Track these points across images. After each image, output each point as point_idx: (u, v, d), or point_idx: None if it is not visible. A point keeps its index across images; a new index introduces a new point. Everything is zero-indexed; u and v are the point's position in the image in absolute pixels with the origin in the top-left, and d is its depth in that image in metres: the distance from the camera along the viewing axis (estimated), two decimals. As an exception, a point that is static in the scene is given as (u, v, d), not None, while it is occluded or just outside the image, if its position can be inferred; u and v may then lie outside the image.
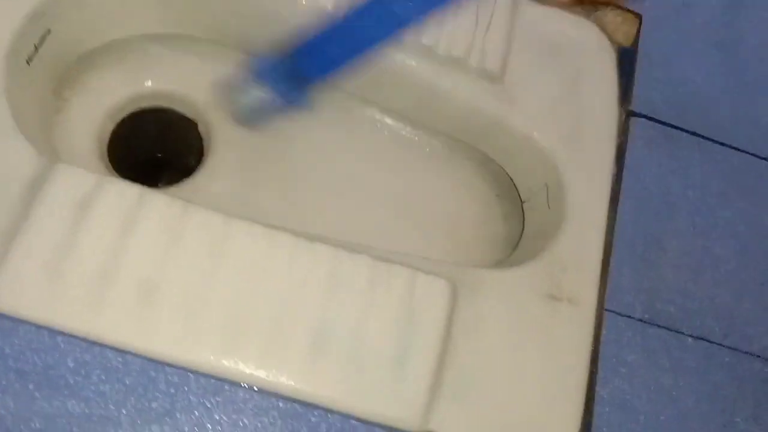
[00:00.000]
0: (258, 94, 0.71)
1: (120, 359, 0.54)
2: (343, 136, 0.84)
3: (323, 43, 0.66)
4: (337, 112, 0.83)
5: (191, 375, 0.55)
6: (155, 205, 0.58)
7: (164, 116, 0.83)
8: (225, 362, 0.55)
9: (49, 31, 0.68)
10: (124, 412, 0.52)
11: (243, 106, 0.73)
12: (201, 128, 0.83)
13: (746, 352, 0.69)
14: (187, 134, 0.83)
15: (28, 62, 0.66)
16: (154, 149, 0.89)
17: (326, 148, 0.83)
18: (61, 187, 0.57)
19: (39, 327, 0.53)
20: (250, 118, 0.76)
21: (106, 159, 0.78)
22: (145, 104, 0.82)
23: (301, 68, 0.68)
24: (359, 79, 0.78)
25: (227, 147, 0.81)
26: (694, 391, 0.66)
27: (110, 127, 0.80)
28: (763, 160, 0.78)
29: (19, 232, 0.55)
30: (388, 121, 0.85)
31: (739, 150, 0.78)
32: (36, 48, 0.66)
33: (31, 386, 0.52)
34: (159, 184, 0.81)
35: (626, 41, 0.80)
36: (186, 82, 0.82)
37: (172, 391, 0.54)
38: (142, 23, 0.80)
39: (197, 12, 0.78)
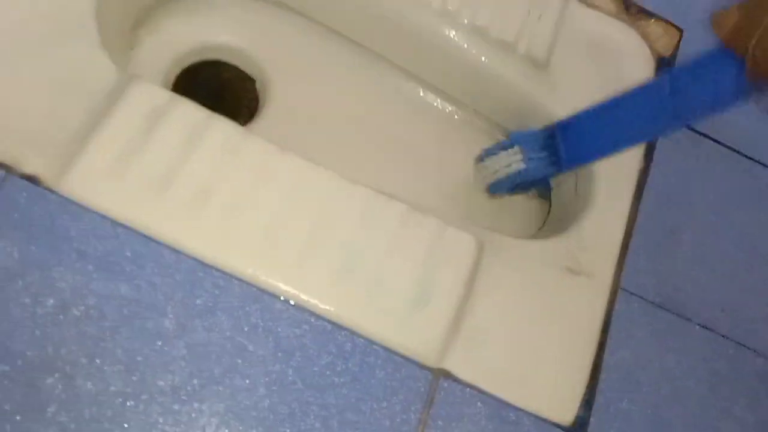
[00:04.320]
0: (509, 160, 0.75)
1: (173, 257, 0.58)
2: (383, 108, 0.88)
3: (588, 129, 0.69)
4: (381, 85, 0.88)
5: (235, 281, 0.59)
6: (220, 126, 0.64)
7: (225, 70, 0.89)
8: (265, 275, 0.60)
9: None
10: (171, 303, 0.57)
11: (492, 170, 0.78)
12: (258, 86, 0.88)
13: (749, 348, 0.72)
14: (244, 91, 0.89)
15: (116, -9, 0.72)
16: (210, 101, 0.94)
17: (365, 118, 0.88)
18: (137, 97, 0.62)
19: (103, 216, 0.58)
20: (498, 186, 0.80)
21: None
22: (210, 56, 0.88)
23: (561, 146, 0.71)
24: (408, 51, 0.83)
25: (279, 110, 0.85)
26: (695, 375, 0.69)
27: (175, 71, 0.86)
28: (782, 176, 0.82)
29: (95, 132, 0.60)
30: (432, 98, 0.89)
31: (760, 163, 0.82)
32: (124, -20, 0.72)
33: (90, 267, 0.56)
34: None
35: (665, 51, 0.85)
36: (252, 39, 0.87)
37: (217, 292, 0.58)
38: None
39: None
